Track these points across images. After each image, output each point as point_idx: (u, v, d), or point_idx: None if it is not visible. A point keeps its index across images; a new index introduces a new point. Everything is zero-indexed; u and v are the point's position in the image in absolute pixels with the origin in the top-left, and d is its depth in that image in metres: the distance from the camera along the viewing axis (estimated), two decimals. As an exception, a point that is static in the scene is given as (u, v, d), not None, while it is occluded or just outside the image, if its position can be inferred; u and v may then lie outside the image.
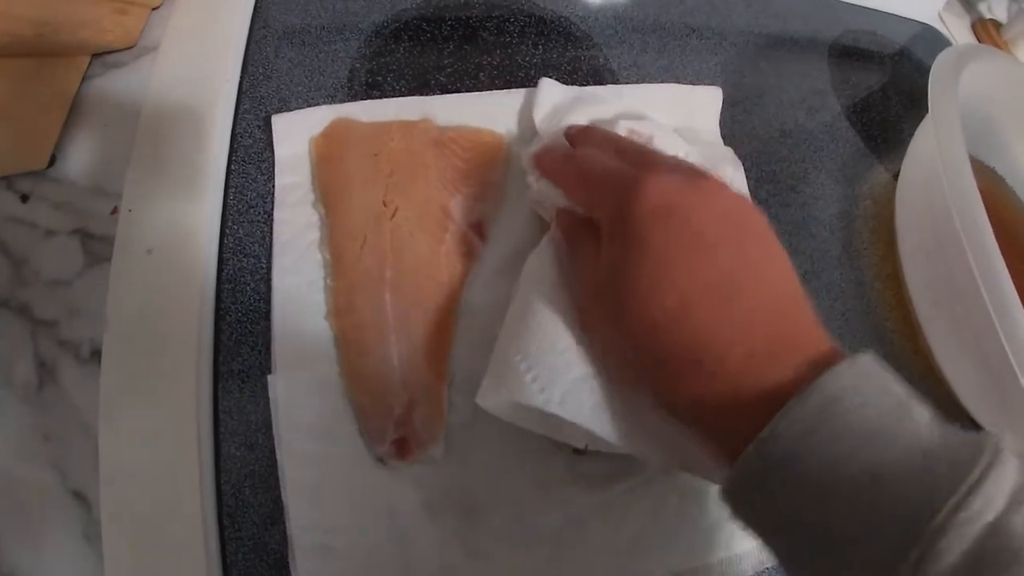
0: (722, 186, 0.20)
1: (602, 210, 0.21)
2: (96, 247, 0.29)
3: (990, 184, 0.34)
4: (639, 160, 0.22)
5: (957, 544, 0.14)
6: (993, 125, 0.33)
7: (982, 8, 0.45)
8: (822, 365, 0.17)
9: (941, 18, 0.43)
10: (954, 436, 0.16)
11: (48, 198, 0.30)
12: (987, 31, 0.42)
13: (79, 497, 0.25)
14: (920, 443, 0.16)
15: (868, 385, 0.17)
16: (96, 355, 0.27)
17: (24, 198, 0.30)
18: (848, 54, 0.39)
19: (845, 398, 0.16)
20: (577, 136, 0.26)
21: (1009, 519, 0.14)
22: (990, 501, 0.14)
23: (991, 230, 0.26)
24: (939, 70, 0.28)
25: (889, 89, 0.38)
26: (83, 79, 0.32)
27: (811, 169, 0.34)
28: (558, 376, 0.21)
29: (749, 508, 0.18)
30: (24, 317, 0.28)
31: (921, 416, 0.17)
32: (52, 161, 0.31)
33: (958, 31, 0.44)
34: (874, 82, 0.38)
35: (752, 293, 0.19)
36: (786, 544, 0.17)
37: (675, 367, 0.18)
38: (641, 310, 0.19)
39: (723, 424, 0.18)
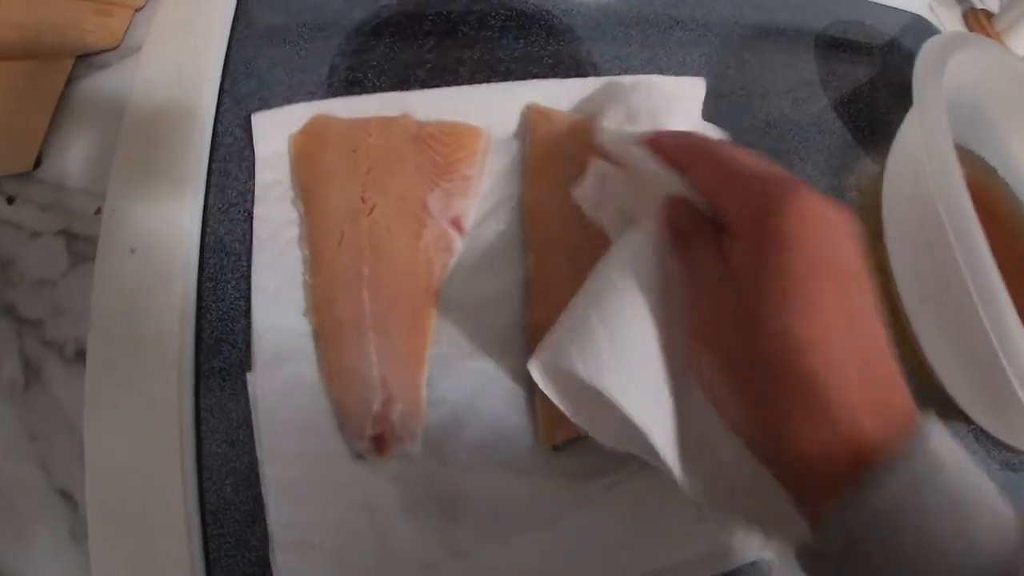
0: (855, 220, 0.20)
1: (741, 207, 0.19)
2: (81, 247, 0.29)
3: (980, 174, 0.34)
4: (778, 168, 0.21)
5: None
6: (983, 114, 0.33)
7: (974, -2, 0.44)
8: (917, 426, 0.17)
9: (931, 8, 0.42)
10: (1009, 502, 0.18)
11: (34, 200, 0.31)
12: (978, 21, 0.42)
13: (65, 496, 0.26)
14: (1000, 509, 0.17)
15: (957, 450, 0.17)
16: (80, 354, 0.27)
17: (10, 200, 0.31)
18: (836, 45, 0.39)
19: (946, 461, 0.16)
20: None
21: None
22: None
23: (977, 221, 0.25)
24: (925, 59, 0.28)
25: (877, 80, 0.38)
26: (68, 80, 0.33)
27: (797, 160, 0.34)
28: (637, 369, 0.20)
29: (836, 561, 0.17)
30: (10, 317, 0.28)
31: (988, 481, 0.17)
32: (38, 163, 0.31)
33: (949, 21, 0.43)
34: (862, 73, 0.38)
35: (876, 343, 0.18)
36: None
37: (790, 400, 0.18)
38: (776, 333, 0.18)
39: (822, 470, 0.17)
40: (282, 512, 0.24)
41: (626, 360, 0.20)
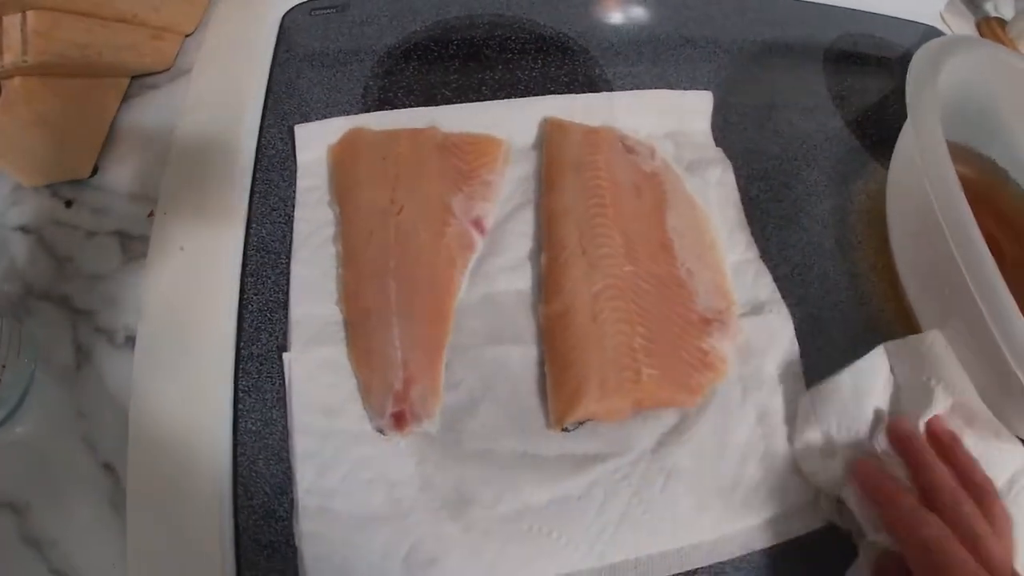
0: None
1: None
2: (133, 245, 0.36)
3: (988, 175, 0.39)
4: (974, 525, 0.25)
5: None
6: (991, 117, 0.38)
7: (988, 7, 0.50)
8: None
9: (943, 18, 0.49)
10: None
11: (90, 204, 0.38)
12: (991, 29, 0.48)
13: (108, 468, 0.31)
14: None
15: None
16: (130, 340, 0.33)
17: (68, 203, 0.38)
18: (845, 57, 0.45)
19: None
20: (903, 447, 0.29)
21: None
22: None
23: (970, 211, 0.29)
24: (919, 60, 0.33)
25: (887, 89, 0.44)
26: (123, 98, 0.41)
27: (804, 167, 0.40)
28: None
29: None
30: (64, 308, 0.35)
31: None
32: (94, 171, 0.39)
33: (961, 31, 0.49)
34: (872, 83, 0.44)
35: None
36: None
37: None
38: None
39: None
40: (307, 480, 0.29)
41: None
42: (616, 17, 0.44)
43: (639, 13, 0.44)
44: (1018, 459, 0.32)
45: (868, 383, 0.31)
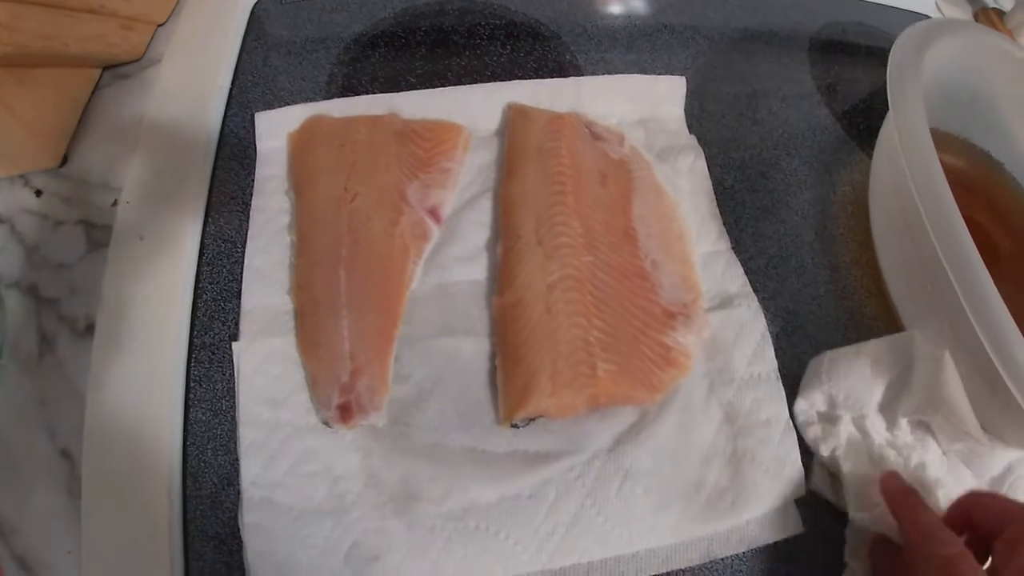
0: None
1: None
2: (97, 235, 0.37)
3: (982, 167, 0.37)
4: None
5: None
6: (987, 107, 0.36)
7: (986, -4, 0.48)
8: None
9: (939, 7, 0.47)
10: None
11: (59, 193, 0.39)
12: (989, 20, 0.46)
13: (65, 455, 0.32)
14: None
15: None
16: (90, 329, 0.34)
17: (38, 193, 0.39)
18: (831, 46, 0.44)
19: None
20: (894, 503, 0.28)
21: None
22: None
23: (955, 203, 0.28)
24: (904, 38, 0.32)
25: (878, 79, 0.42)
26: (96, 88, 0.42)
27: (784, 156, 0.38)
28: None
29: None
30: (31, 296, 0.36)
31: None
32: (65, 160, 0.40)
33: None
34: (860, 73, 0.43)
35: None
36: None
37: None
38: None
39: None
40: (252, 472, 0.29)
41: None
42: (590, 1, 0.43)
43: (614, -3, 0.43)
44: (1011, 453, 0.31)
45: (891, 361, 0.31)
